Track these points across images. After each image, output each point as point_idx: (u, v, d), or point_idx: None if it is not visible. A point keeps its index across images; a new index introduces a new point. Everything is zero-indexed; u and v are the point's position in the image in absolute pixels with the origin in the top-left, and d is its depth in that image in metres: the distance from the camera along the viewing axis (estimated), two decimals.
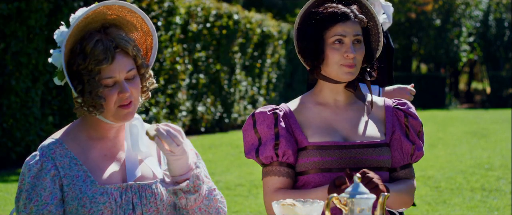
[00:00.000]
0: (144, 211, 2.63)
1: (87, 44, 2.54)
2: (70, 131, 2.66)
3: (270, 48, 19.36)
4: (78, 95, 2.55)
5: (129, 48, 2.60)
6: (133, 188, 2.63)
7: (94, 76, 2.54)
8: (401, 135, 3.02)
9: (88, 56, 2.53)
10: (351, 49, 2.92)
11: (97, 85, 2.54)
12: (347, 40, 2.93)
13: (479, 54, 34.21)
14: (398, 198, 2.96)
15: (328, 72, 2.96)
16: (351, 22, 2.93)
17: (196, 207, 2.63)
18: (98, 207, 2.56)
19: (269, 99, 19.76)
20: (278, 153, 2.93)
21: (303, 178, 2.95)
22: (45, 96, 10.60)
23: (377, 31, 3.03)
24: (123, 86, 2.57)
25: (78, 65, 2.54)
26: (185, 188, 2.55)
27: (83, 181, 2.58)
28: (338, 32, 2.92)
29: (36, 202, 2.54)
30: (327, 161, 2.91)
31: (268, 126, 2.96)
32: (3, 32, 9.81)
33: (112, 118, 2.61)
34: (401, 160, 3.03)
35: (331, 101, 3.02)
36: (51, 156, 2.58)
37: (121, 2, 2.63)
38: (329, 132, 2.97)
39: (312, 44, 2.96)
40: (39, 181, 2.55)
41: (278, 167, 2.95)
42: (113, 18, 2.64)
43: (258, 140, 2.97)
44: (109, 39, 2.57)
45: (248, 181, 9.60)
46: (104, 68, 2.54)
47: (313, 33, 2.95)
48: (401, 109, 3.07)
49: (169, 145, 2.49)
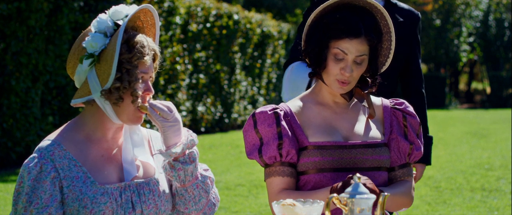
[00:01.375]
0: (144, 209, 2.65)
1: (132, 37, 2.60)
2: (66, 132, 2.66)
3: (270, 48, 19.35)
4: (116, 81, 2.57)
5: (158, 56, 2.69)
6: (131, 187, 2.65)
7: (135, 68, 2.60)
8: (398, 135, 3.01)
9: (134, 48, 2.59)
10: (348, 68, 2.87)
11: (136, 77, 2.60)
12: (348, 58, 2.87)
13: (479, 54, 34.21)
14: (396, 200, 2.96)
15: (325, 79, 2.95)
16: (358, 40, 2.86)
17: (194, 183, 2.69)
18: (99, 207, 2.57)
19: (269, 99, 19.76)
20: (282, 153, 2.92)
21: (303, 177, 2.94)
22: (45, 96, 10.60)
23: (389, 46, 2.97)
24: (149, 86, 2.65)
25: (121, 53, 2.58)
26: (181, 159, 2.64)
27: (83, 182, 2.59)
28: (342, 47, 2.87)
29: (36, 205, 2.54)
30: (327, 161, 2.91)
31: (269, 125, 2.95)
32: (3, 32, 9.81)
33: (125, 117, 2.63)
34: (398, 160, 3.03)
35: (330, 102, 3.02)
36: (50, 157, 2.58)
37: (156, 13, 2.72)
38: (329, 131, 2.96)
39: (316, 49, 2.93)
40: (39, 183, 2.55)
41: (282, 167, 2.94)
42: (139, 25, 2.72)
43: (260, 140, 2.96)
44: (149, 39, 2.67)
45: (248, 181, 9.60)
46: (142, 63, 2.61)
47: (319, 39, 2.91)
48: (399, 108, 3.06)
49: (162, 112, 2.59)
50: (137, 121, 2.65)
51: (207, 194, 2.72)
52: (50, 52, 10.43)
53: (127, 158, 2.67)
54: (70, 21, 10.51)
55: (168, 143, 2.63)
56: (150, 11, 2.70)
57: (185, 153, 2.65)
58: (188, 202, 2.71)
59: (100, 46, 2.60)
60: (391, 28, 2.94)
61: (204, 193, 2.71)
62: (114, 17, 2.63)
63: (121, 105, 2.60)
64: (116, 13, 2.63)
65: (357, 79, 2.93)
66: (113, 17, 2.63)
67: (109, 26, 2.62)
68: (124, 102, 2.60)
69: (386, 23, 2.94)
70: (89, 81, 2.60)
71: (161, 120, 2.61)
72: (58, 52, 10.48)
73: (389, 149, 3.01)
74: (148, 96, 2.65)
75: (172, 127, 2.62)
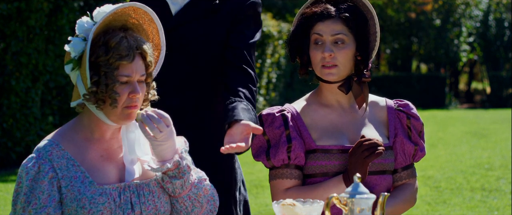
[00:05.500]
0: (143, 210, 2.64)
1: (111, 38, 2.56)
2: (65, 132, 2.65)
3: (270, 48, 19.35)
4: (92, 85, 2.55)
5: (148, 53, 2.63)
6: (131, 188, 2.64)
7: (113, 70, 2.55)
8: (403, 138, 3.01)
9: (111, 50, 2.55)
10: (327, 48, 2.88)
11: (114, 80, 2.55)
12: (325, 39, 2.89)
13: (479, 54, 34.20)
14: (399, 209, 2.97)
15: (315, 71, 2.96)
16: (331, 20, 2.89)
17: (185, 195, 2.66)
18: (97, 207, 2.57)
19: (269, 99, 19.76)
20: (291, 156, 2.91)
21: (310, 181, 2.93)
22: (45, 96, 10.60)
23: (375, 30, 2.99)
24: (135, 87, 2.59)
25: (98, 56, 2.55)
26: (171, 173, 2.60)
27: (81, 182, 2.58)
28: (317, 31, 2.90)
29: (34, 205, 2.54)
30: (334, 164, 2.90)
31: (277, 128, 2.93)
32: (3, 32, 9.81)
33: (115, 117, 2.60)
34: (403, 162, 3.02)
35: (334, 103, 3.00)
36: (48, 157, 2.57)
37: (149, 9, 2.67)
38: (335, 135, 2.95)
39: (298, 44, 2.95)
40: (37, 183, 2.55)
41: (289, 169, 2.92)
42: (133, 22, 2.67)
43: (267, 142, 2.94)
44: (133, 39, 2.60)
45: (248, 181, 9.59)
46: (123, 65, 2.56)
47: (299, 33, 2.94)
48: (403, 110, 3.06)
49: (152, 130, 2.55)
50: (128, 118, 2.62)
51: (200, 204, 2.69)
52: (50, 52, 10.43)
53: (128, 159, 2.67)
54: (70, 21, 10.51)
55: (158, 158, 2.62)
56: (139, 8, 2.65)
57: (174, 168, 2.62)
58: (179, 212, 2.70)
59: (78, 50, 2.58)
60: (373, 13, 2.97)
61: (198, 203, 2.69)
62: (96, 18, 2.60)
63: (105, 108, 2.58)
64: (98, 14, 2.60)
65: (344, 63, 2.91)
66: (95, 19, 2.60)
67: (87, 29, 2.59)
68: (105, 105, 2.57)
69: (367, 10, 2.97)
70: (77, 85, 2.60)
71: (151, 138, 2.57)
72: (58, 52, 10.48)
73: (394, 151, 3.01)
74: (135, 97, 2.59)
75: (160, 146, 2.59)
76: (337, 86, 2.96)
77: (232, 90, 2.95)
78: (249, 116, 2.79)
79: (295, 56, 2.98)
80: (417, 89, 29.64)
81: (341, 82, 2.95)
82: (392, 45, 32.27)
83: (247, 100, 2.90)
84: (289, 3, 28.40)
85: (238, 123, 2.74)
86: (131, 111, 2.61)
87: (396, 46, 32.13)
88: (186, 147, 2.71)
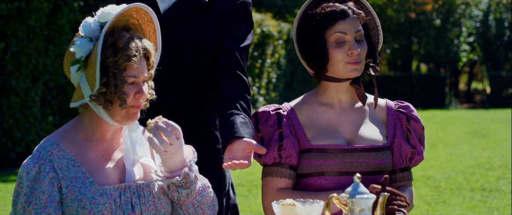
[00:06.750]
0: (143, 210, 2.64)
1: (118, 39, 2.56)
2: (65, 132, 2.65)
3: (270, 48, 19.35)
4: (101, 86, 2.54)
5: (152, 54, 2.64)
6: (131, 188, 2.64)
7: (121, 71, 2.55)
8: (401, 139, 3.01)
9: (120, 51, 2.55)
10: (354, 46, 2.91)
11: (123, 81, 2.55)
12: (349, 37, 2.92)
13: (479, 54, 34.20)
14: None
15: (333, 72, 2.95)
16: (350, 19, 2.92)
17: (189, 203, 2.67)
18: (98, 208, 2.57)
19: (269, 99, 19.75)
20: (282, 155, 2.92)
21: (305, 180, 2.93)
22: (45, 96, 10.60)
23: (375, 25, 3.03)
24: (141, 88, 2.60)
25: (106, 57, 2.54)
26: (177, 183, 2.61)
27: (82, 182, 2.58)
28: (339, 30, 2.91)
29: (35, 206, 2.54)
30: (329, 164, 2.90)
31: (271, 126, 2.94)
32: (3, 32, 9.81)
33: (119, 117, 2.61)
34: (399, 163, 3.03)
35: (335, 102, 3.01)
36: (48, 158, 2.57)
37: (150, 9, 2.67)
38: (332, 134, 2.95)
39: (314, 46, 2.94)
40: (37, 184, 2.55)
41: (280, 168, 2.93)
42: (134, 22, 2.68)
43: (260, 139, 2.96)
44: (138, 39, 2.61)
45: (248, 181, 9.60)
46: (131, 66, 2.56)
47: (313, 35, 2.93)
48: (403, 112, 3.06)
49: (161, 144, 2.54)
50: (133, 118, 2.63)
51: (202, 210, 2.70)
52: (50, 52, 10.43)
53: (129, 159, 2.67)
54: (70, 21, 10.51)
55: (166, 169, 2.62)
56: (141, 8, 2.66)
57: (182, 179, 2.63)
58: None
59: (85, 51, 2.57)
60: (370, 8, 3.02)
61: (200, 210, 2.70)
62: (101, 19, 2.60)
63: (112, 109, 2.58)
64: (103, 15, 2.60)
65: (365, 58, 2.96)
66: (100, 19, 2.60)
67: (94, 29, 2.58)
68: (114, 106, 2.58)
69: (363, 5, 3.02)
70: (81, 85, 2.59)
71: (160, 152, 2.57)
72: (58, 52, 10.48)
73: (391, 152, 3.01)
74: (140, 98, 2.60)
75: (169, 159, 2.59)
76: (349, 83, 2.98)
77: (228, 99, 2.93)
78: (248, 131, 2.79)
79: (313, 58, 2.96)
80: (417, 89, 29.64)
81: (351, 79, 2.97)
82: (392, 45, 32.26)
83: (245, 112, 2.89)
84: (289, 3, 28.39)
85: (240, 140, 2.74)
86: (135, 111, 2.62)
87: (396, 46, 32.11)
88: (194, 157, 2.71)
